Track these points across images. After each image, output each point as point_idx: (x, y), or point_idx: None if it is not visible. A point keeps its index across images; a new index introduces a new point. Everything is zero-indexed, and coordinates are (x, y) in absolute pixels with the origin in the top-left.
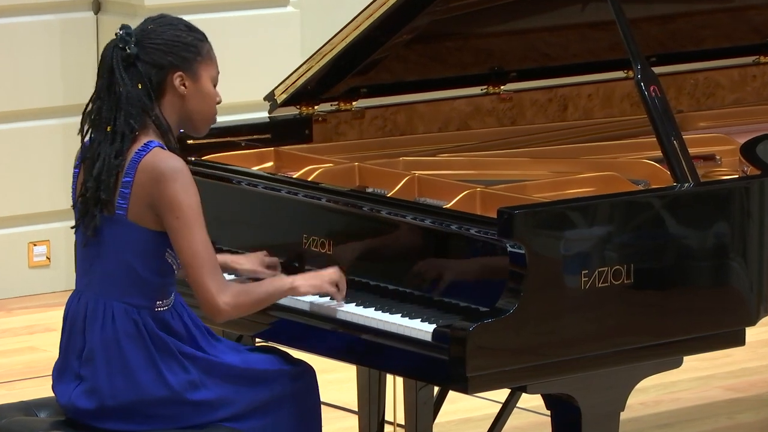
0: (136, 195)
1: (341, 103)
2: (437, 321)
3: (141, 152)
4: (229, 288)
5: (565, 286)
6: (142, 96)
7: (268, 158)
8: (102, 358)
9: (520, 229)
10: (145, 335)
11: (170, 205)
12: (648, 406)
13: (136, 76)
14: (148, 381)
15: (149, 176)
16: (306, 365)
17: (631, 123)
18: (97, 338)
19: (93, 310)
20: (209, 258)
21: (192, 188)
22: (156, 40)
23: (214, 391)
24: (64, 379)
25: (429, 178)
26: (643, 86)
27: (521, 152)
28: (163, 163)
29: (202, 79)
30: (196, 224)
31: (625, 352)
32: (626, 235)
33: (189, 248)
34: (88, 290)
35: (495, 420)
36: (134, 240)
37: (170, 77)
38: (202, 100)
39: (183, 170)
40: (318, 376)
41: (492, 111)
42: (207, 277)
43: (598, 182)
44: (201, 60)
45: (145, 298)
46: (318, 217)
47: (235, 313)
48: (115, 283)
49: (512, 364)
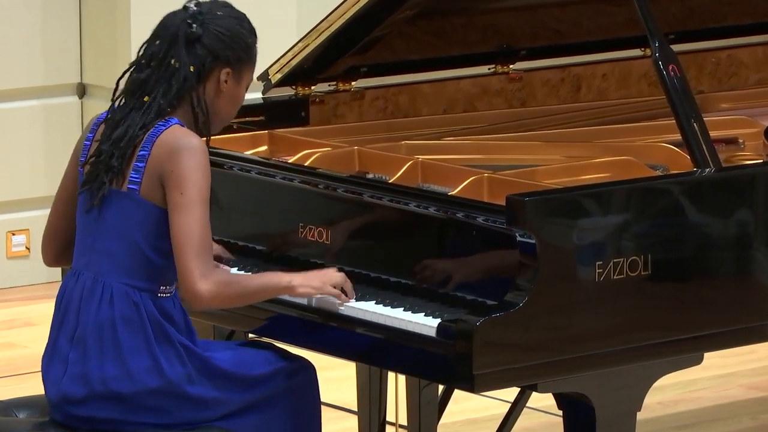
0: (151, 170)
1: (340, 84)
2: (442, 315)
3: (160, 127)
4: (214, 274)
5: (578, 278)
6: (192, 78)
7: (262, 142)
8: (94, 342)
9: (531, 218)
10: (145, 320)
11: (178, 179)
12: (666, 405)
13: (193, 57)
14: (141, 369)
15: (165, 150)
16: (304, 361)
17: (649, 104)
18: (92, 320)
19: (90, 290)
20: (201, 240)
21: (205, 168)
22: (221, 29)
23: (209, 391)
24: (53, 366)
25: (433, 163)
26: (661, 65)
27: (531, 135)
28: (181, 138)
29: (242, 82)
30: (198, 203)
31: (641, 348)
32: (643, 224)
33: (184, 225)
34: (87, 270)
35: (503, 421)
36: (144, 217)
37: (218, 70)
38: (232, 102)
39: (200, 149)
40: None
41: (500, 92)
42: (192, 258)
43: (613, 167)
44: (249, 65)
45: (148, 280)
46: (315, 204)
47: (216, 302)
48: (118, 262)
49: (522, 361)
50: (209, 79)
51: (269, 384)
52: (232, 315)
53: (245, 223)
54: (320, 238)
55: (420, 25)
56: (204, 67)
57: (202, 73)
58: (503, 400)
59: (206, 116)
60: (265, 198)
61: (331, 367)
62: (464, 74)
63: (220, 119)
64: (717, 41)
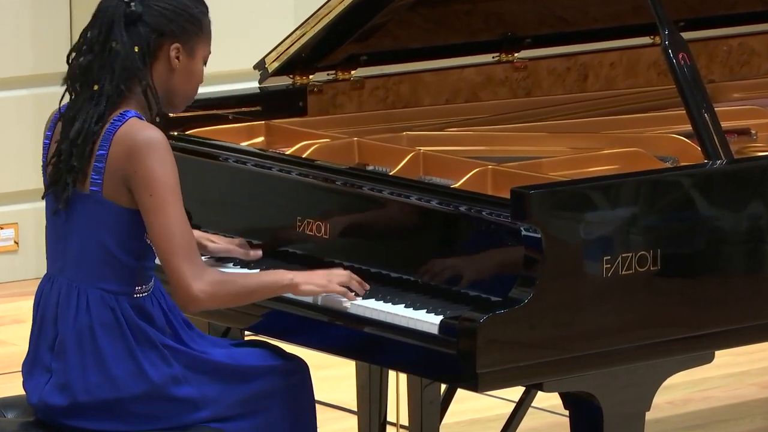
0: (111, 170)
1: (339, 72)
2: (444, 312)
3: (116, 122)
4: (207, 274)
5: (585, 273)
6: (137, 60)
7: (259, 133)
8: (74, 350)
9: (536, 211)
10: (123, 324)
11: (144, 180)
12: (676, 405)
13: (135, 37)
14: (125, 375)
15: (124, 149)
16: (299, 360)
17: (658, 94)
18: (70, 328)
19: (66, 296)
20: (184, 239)
21: (169, 162)
22: (161, 3)
23: (198, 389)
24: (35, 373)
25: (435, 155)
26: (671, 53)
27: (537, 126)
28: (139, 134)
29: (196, 56)
30: (171, 202)
31: (651, 346)
32: (652, 218)
33: (162, 229)
34: (61, 275)
35: (508, 421)
36: (110, 219)
37: (167, 47)
38: (189, 78)
39: (160, 142)
40: (313, 372)
41: (505, 81)
42: (181, 260)
43: (621, 159)
44: (201, 36)
45: (122, 283)
46: (313, 197)
47: (212, 303)
48: (90, 266)
49: (527, 359)
50: (158, 58)
51: (263, 381)
52: (228, 312)
53: (240, 217)
54: (318, 232)
55: (422, 12)
56: (149, 46)
57: (148, 53)
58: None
59: (157, 99)
60: (261, 191)
61: (329, 365)
62: (467, 63)
63: (180, 97)
64: (728, 28)
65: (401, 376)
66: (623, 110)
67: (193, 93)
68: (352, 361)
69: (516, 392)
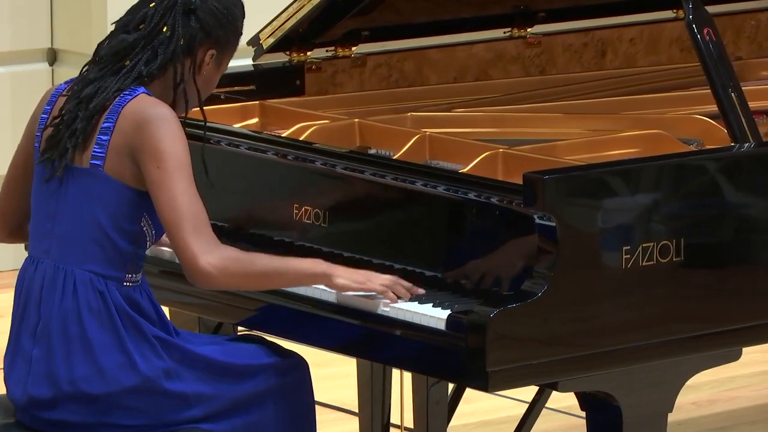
0: (116, 144)
1: (339, 49)
2: (452, 306)
3: (126, 96)
4: (218, 249)
5: (603, 264)
6: (178, 50)
7: (253, 113)
8: (59, 335)
9: (550, 198)
10: (113, 310)
11: (153, 152)
12: (701, 406)
13: (185, 29)
14: (114, 366)
15: (132, 123)
16: (297, 357)
17: (681, 72)
18: (55, 312)
19: (51, 279)
20: (193, 212)
21: (179, 136)
22: (218, 6)
23: (191, 385)
24: (16, 365)
25: (442, 138)
26: (695, 28)
27: (551, 107)
28: (149, 108)
29: (221, 67)
30: (180, 175)
31: (673, 342)
32: (675, 205)
33: (170, 201)
34: (47, 257)
35: (520, 423)
36: (109, 196)
37: (205, 48)
38: (207, 86)
39: (170, 117)
40: (311, 371)
41: (517, 58)
42: (188, 233)
43: (642, 142)
44: (231, 50)
45: (113, 267)
46: (311, 183)
47: (224, 279)
48: (80, 246)
49: (540, 356)
50: (191, 57)
51: (258, 379)
52: (219, 305)
53: (233, 203)
54: (317, 220)
55: None
56: (194, 41)
57: (191, 48)
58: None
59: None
60: (255, 176)
61: (328, 363)
62: (477, 38)
63: (192, 101)
64: (757, 2)
65: (406, 375)
66: (644, 89)
67: (196, 104)
68: (352, 359)
69: (529, 392)
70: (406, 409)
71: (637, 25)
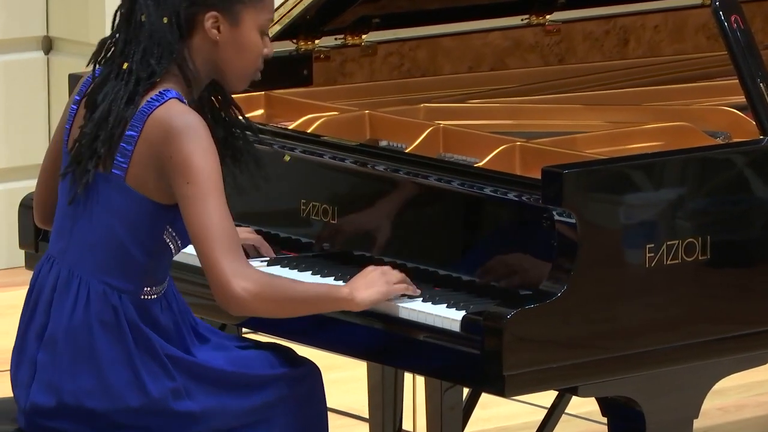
0: (141, 154)
1: (348, 37)
2: (467, 307)
3: (153, 102)
4: (251, 272)
5: (626, 263)
6: (167, 32)
7: (258, 105)
8: (67, 345)
9: (570, 193)
10: (125, 327)
11: (182, 167)
12: (728, 411)
13: (163, 7)
14: (121, 384)
15: (160, 133)
16: (310, 365)
17: (708, 61)
18: (65, 320)
19: (65, 283)
20: (226, 233)
21: (210, 150)
22: None
23: (200, 402)
24: (22, 367)
25: (457, 130)
26: (722, 15)
27: (571, 98)
28: (177, 118)
29: (243, 24)
30: (212, 192)
31: (699, 345)
32: (701, 201)
33: (200, 220)
34: (63, 258)
35: (539, 429)
36: (129, 209)
37: (202, 16)
38: (239, 52)
39: (200, 128)
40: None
41: (535, 46)
42: (220, 254)
43: (666, 134)
44: (245, 2)
45: (130, 281)
46: (319, 177)
47: (258, 305)
48: (97, 256)
49: (560, 359)
50: (196, 31)
51: (269, 390)
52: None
53: (237, 199)
54: (325, 216)
55: None
56: (179, 16)
57: (182, 25)
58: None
59: (195, 76)
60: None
61: (338, 366)
62: (493, 26)
63: (235, 73)
64: None
65: (418, 379)
66: (668, 79)
67: (251, 68)
68: (362, 362)
69: (548, 397)
70: (418, 414)
71: (661, 11)
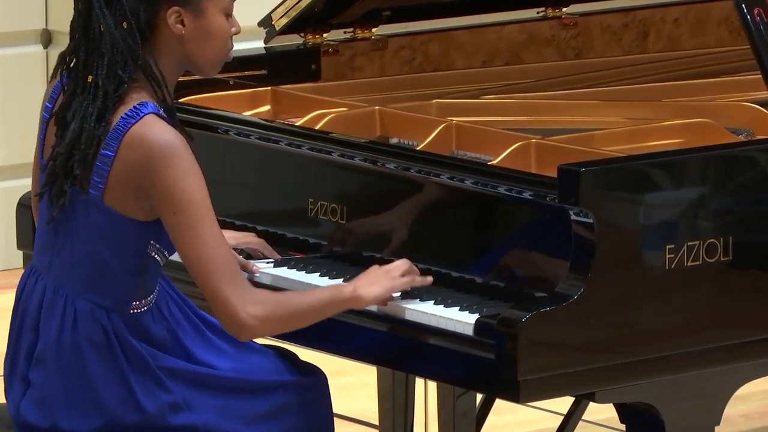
0: (118, 174)
1: (357, 30)
2: (480, 310)
3: (128, 120)
4: (255, 296)
5: (645, 264)
6: (127, 38)
7: (264, 100)
8: (57, 365)
9: (588, 192)
10: (115, 345)
11: (167, 196)
12: (751, 418)
13: (120, 12)
14: (114, 402)
15: (137, 155)
16: (316, 371)
17: (730, 55)
18: (53, 338)
19: (51, 301)
20: (223, 260)
21: (193, 171)
22: None
23: (199, 414)
24: (14, 382)
25: (470, 127)
26: (744, 8)
27: (589, 93)
28: (155, 139)
29: (207, 12)
30: (200, 218)
31: (721, 349)
32: (723, 200)
33: (195, 252)
34: (48, 274)
35: None
36: (108, 229)
37: (163, 14)
38: (208, 40)
39: (180, 148)
40: (328, 380)
41: (551, 40)
42: (223, 285)
43: (687, 131)
44: None
45: (117, 298)
46: (328, 176)
47: (267, 327)
48: (80, 274)
49: (576, 364)
50: (159, 30)
51: (275, 397)
52: None
53: (243, 198)
54: (333, 216)
55: None
56: (140, 18)
57: (143, 27)
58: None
59: (162, 81)
60: (267, 169)
61: (347, 371)
62: (508, 19)
63: (207, 61)
64: None
65: (430, 385)
66: (689, 74)
67: (223, 52)
68: (372, 368)
69: (564, 403)
70: (430, 422)
71: (682, 4)
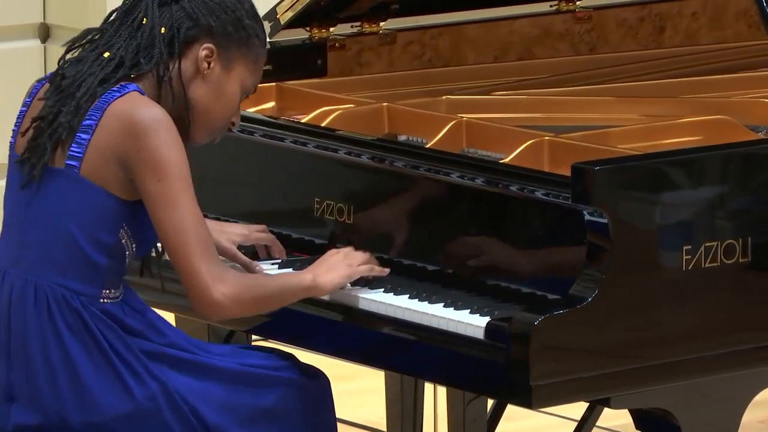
0: (99, 144)
1: (365, 24)
2: (491, 312)
3: (114, 93)
4: (228, 275)
5: (661, 266)
6: (162, 42)
7: (269, 96)
8: (40, 359)
9: (602, 191)
10: (95, 329)
11: (152, 163)
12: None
13: (166, 17)
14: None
15: (121, 123)
16: (318, 373)
17: (749, 50)
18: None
19: (21, 293)
20: (200, 235)
21: (178, 144)
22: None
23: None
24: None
25: (481, 124)
26: (764, 1)
27: (603, 89)
28: (141, 109)
29: (232, 73)
30: (182, 190)
31: (739, 353)
32: (742, 199)
33: (173, 220)
34: (16, 267)
35: None
36: (82, 202)
37: (199, 44)
38: (217, 97)
39: (166, 122)
40: (334, 385)
41: (565, 34)
42: (197, 259)
43: (705, 129)
44: (244, 52)
45: (87, 283)
46: (334, 174)
47: (236, 308)
48: (50, 257)
49: (590, 369)
50: (188, 54)
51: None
52: None
53: (247, 197)
54: (340, 216)
55: None
56: (179, 32)
57: (177, 41)
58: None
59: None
60: (271, 167)
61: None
62: (520, 13)
63: (201, 120)
64: None
65: (440, 390)
66: (707, 70)
67: (218, 124)
68: (380, 372)
69: (577, 409)
70: (440, 427)
71: None
